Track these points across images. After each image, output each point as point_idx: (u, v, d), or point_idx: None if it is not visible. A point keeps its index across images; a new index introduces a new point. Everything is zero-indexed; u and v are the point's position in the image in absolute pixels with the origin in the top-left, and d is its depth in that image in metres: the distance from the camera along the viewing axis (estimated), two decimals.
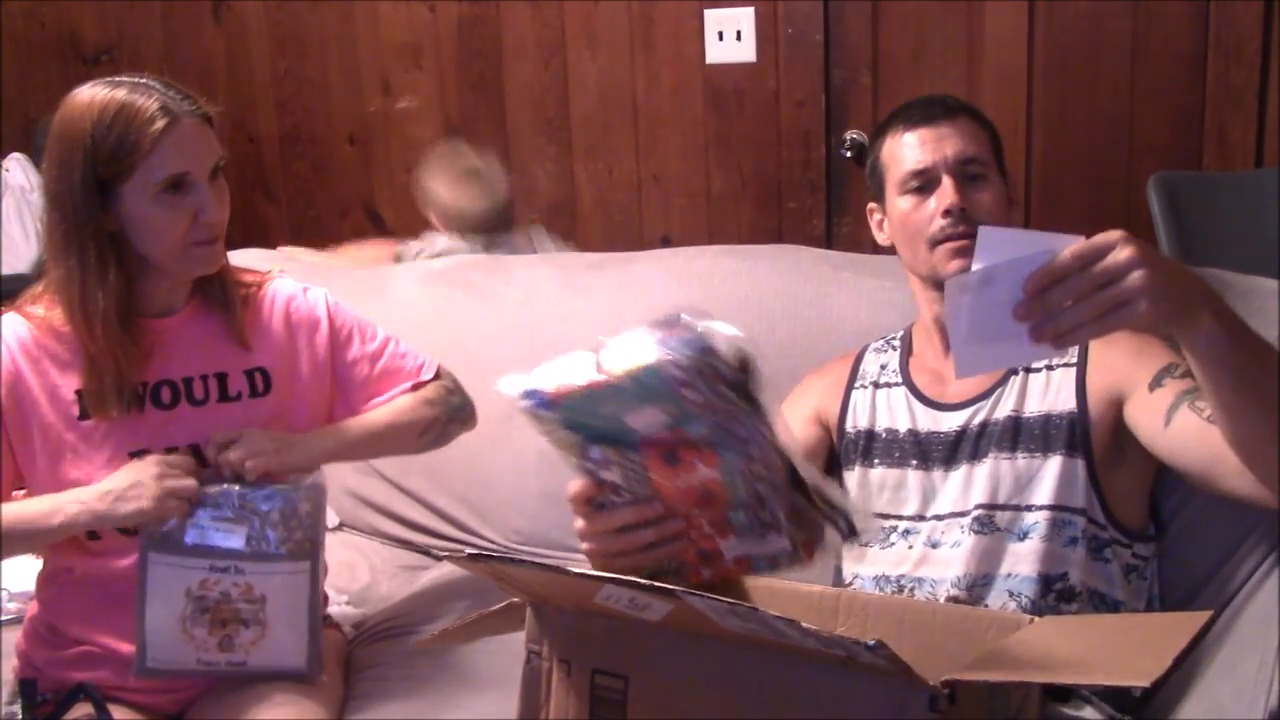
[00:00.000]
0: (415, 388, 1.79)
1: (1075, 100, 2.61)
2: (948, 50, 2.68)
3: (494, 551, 2.02)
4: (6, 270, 3.47)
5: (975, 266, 1.07)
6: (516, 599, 1.21)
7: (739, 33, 2.81)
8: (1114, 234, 1.05)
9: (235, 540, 1.54)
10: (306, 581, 1.59)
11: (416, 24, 3.14)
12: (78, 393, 1.58)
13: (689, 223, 2.97)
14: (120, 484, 1.52)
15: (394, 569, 2.11)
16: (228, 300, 1.66)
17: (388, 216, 3.29)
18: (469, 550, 1.18)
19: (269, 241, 2.94)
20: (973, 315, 1.09)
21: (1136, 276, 1.03)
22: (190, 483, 1.53)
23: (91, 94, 1.53)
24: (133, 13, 3.47)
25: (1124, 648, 1.06)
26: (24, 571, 1.97)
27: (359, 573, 2.08)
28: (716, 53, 2.84)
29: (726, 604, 1.00)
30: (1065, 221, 2.63)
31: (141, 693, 1.62)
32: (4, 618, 1.93)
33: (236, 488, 1.55)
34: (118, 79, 1.55)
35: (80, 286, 1.53)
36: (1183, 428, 1.33)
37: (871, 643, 0.95)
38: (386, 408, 1.75)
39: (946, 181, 1.52)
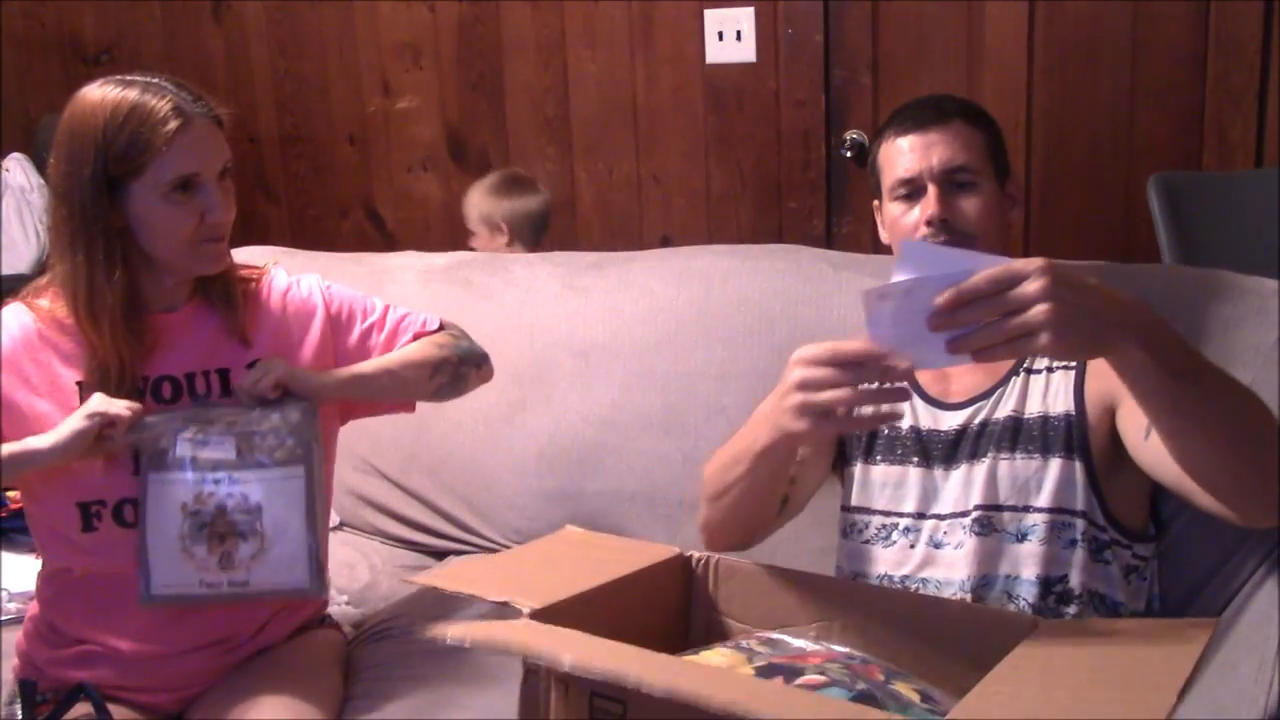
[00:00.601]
0: (419, 337, 1.79)
1: (1075, 100, 2.61)
2: (948, 50, 2.68)
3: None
4: (7, 270, 3.48)
5: (894, 278, 1.11)
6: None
7: (739, 33, 2.81)
8: (1033, 262, 1.07)
9: (226, 450, 1.55)
10: (301, 489, 1.58)
11: (416, 24, 3.14)
12: (79, 384, 1.59)
13: (689, 223, 2.97)
14: (58, 430, 1.52)
15: (394, 569, 2.11)
16: (229, 297, 1.67)
17: (387, 216, 3.29)
18: (528, 607, 1.17)
19: (269, 242, 2.94)
20: (893, 322, 1.13)
21: (1040, 310, 1.05)
22: (115, 405, 1.51)
23: (104, 92, 1.54)
24: (133, 13, 3.47)
25: (1127, 678, 1.05)
26: (24, 571, 1.97)
27: (359, 573, 2.08)
28: (716, 53, 2.84)
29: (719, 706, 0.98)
30: (1065, 222, 2.62)
31: (142, 691, 1.62)
32: (4, 618, 1.93)
33: (226, 406, 1.57)
34: (129, 78, 1.56)
35: (87, 282, 1.54)
36: (1159, 440, 1.33)
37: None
38: (395, 351, 1.76)
39: (931, 190, 1.52)
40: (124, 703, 1.61)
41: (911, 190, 1.55)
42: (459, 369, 1.79)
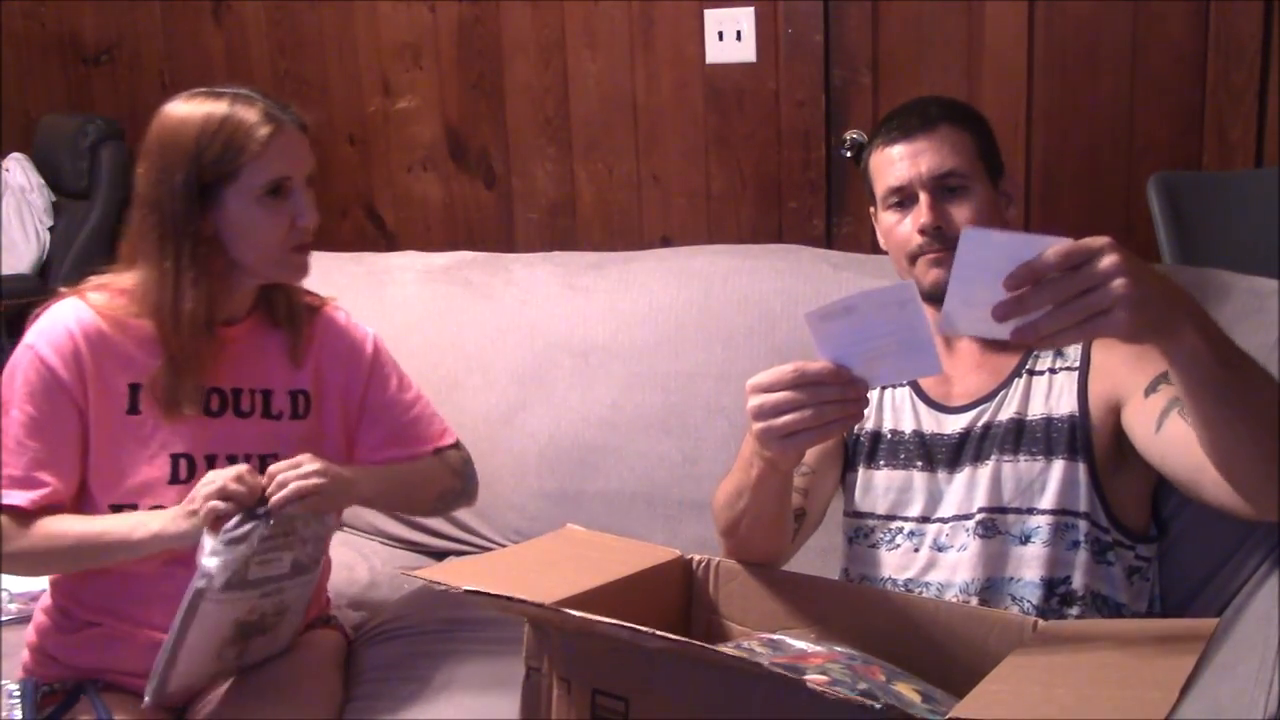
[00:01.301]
0: (437, 452, 1.80)
1: (1075, 100, 2.61)
2: (948, 50, 2.68)
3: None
4: (6, 270, 3.47)
5: (955, 266, 1.07)
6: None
7: (739, 33, 2.81)
8: (1100, 239, 1.04)
9: (285, 564, 1.54)
10: (314, 582, 1.63)
11: (416, 24, 3.13)
12: (130, 386, 1.58)
13: (689, 223, 2.97)
14: (184, 499, 1.52)
15: (394, 570, 2.11)
16: (293, 317, 1.69)
17: (387, 216, 3.29)
18: (465, 587, 1.17)
19: None
20: (841, 342, 1.14)
21: (1118, 284, 1.02)
22: (222, 503, 1.48)
23: (195, 101, 1.57)
24: (133, 13, 3.47)
25: (1128, 678, 1.05)
26: None
27: (359, 573, 2.08)
28: (716, 53, 2.84)
29: (728, 656, 1.02)
30: (1065, 222, 2.62)
31: (137, 676, 1.61)
32: (4, 618, 1.93)
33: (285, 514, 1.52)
34: (218, 89, 1.59)
35: (173, 289, 1.55)
36: (1171, 433, 1.33)
37: (879, 705, 0.95)
38: (415, 465, 1.77)
39: (923, 199, 1.52)
40: (132, 692, 1.61)
41: (903, 199, 1.55)
42: (457, 500, 1.84)
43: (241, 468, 1.51)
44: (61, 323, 1.57)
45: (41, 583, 1.96)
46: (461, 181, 3.18)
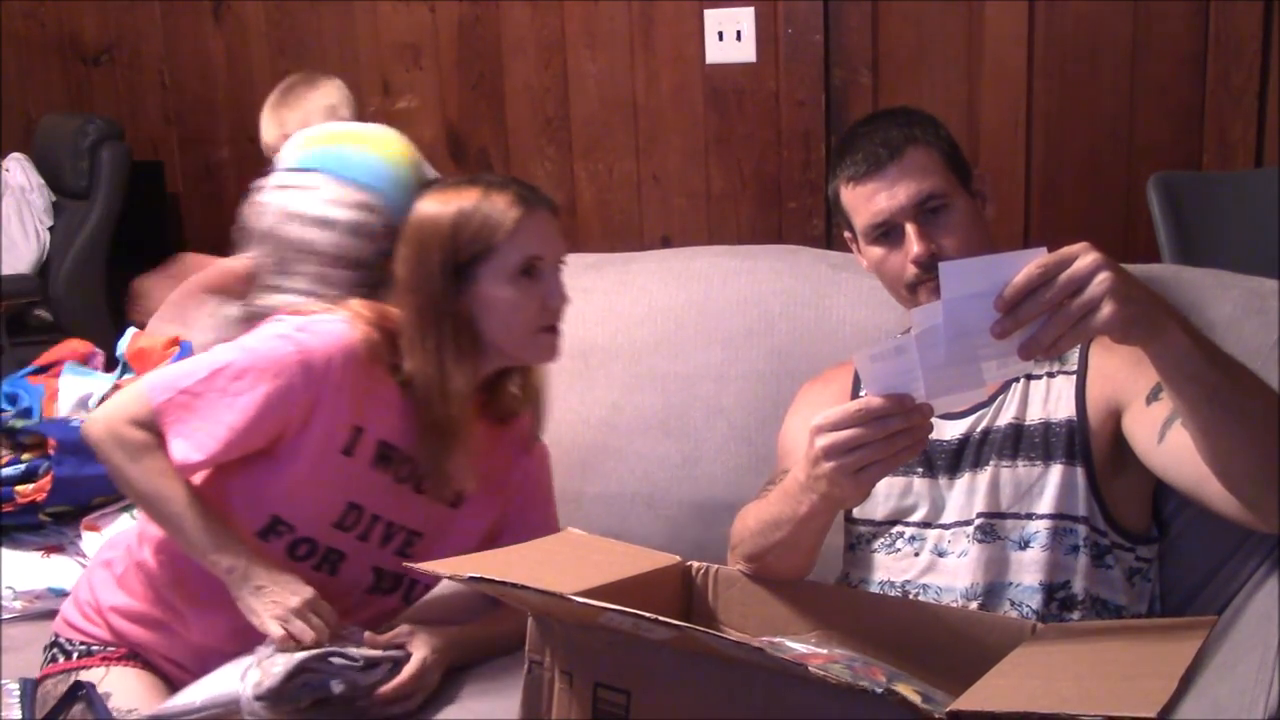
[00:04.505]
0: None
1: (1075, 100, 2.61)
2: (948, 50, 2.68)
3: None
4: (6, 270, 3.48)
5: (944, 297, 1.10)
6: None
7: (739, 33, 2.81)
8: (1077, 245, 1.08)
9: None
10: None
11: (416, 24, 3.14)
12: (355, 429, 1.58)
13: (689, 223, 2.97)
14: (273, 582, 1.52)
15: None
16: (533, 402, 1.72)
17: None
18: (469, 574, 1.18)
19: None
20: (890, 382, 1.15)
21: (1101, 279, 1.06)
22: (308, 633, 1.49)
23: (450, 191, 1.61)
24: (133, 13, 3.47)
25: (1128, 670, 1.06)
26: (27, 569, 1.97)
27: None
28: (716, 53, 2.85)
29: (732, 642, 1.02)
30: (1065, 222, 2.63)
31: (183, 671, 1.63)
32: (5, 616, 1.93)
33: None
34: (472, 178, 1.63)
35: (439, 367, 1.57)
36: (1175, 444, 1.32)
37: (880, 689, 0.96)
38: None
39: (909, 230, 1.50)
40: (160, 674, 1.64)
41: (888, 230, 1.53)
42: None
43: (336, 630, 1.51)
44: (332, 338, 1.56)
45: (44, 580, 1.97)
46: None
